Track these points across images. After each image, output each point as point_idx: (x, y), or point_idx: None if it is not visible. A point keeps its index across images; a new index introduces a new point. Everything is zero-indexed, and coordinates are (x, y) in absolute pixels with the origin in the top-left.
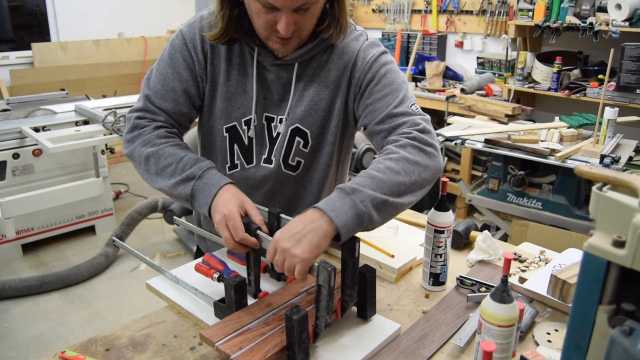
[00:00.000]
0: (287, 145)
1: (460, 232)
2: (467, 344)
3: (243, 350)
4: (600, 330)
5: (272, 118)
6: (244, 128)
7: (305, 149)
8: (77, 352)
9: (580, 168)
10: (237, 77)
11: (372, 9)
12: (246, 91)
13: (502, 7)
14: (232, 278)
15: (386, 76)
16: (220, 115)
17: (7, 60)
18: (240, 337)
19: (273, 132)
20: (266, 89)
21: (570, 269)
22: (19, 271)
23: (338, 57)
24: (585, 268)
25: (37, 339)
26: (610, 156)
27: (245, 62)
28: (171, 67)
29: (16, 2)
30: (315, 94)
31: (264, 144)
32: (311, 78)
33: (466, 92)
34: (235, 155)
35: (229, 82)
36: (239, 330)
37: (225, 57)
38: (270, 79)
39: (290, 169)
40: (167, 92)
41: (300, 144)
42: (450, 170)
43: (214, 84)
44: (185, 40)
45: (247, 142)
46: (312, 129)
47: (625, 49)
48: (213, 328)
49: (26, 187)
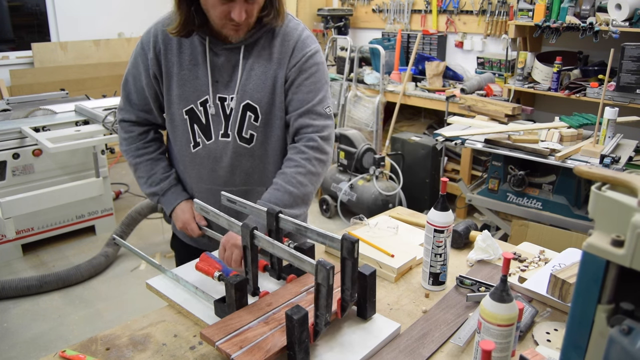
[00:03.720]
0: (240, 119)
1: (460, 232)
2: (466, 344)
3: (244, 349)
4: (599, 330)
5: (225, 98)
6: (200, 109)
7: (257, 122)
8: (78, 351)
9: (580, 168)
10: (189, 65)
11: (372, 9)
12: (198, 77)
13: (502, 7)
14: (232, 277)
15: (315, 75)
16: (178, 101)
17: (7, 60)
18: (241, 337)
19: (227, 110)
20: (217, 73)
21: (569, 268)
22: (19, 271)
23: (280, 42)
24: (584, 267)
25: (37, 339)
26: (610, 156)
27: (196, 52)
28: (136, 69)
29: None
30: (262, 73)
31: (220, 122)
32: (256, 59)
33: (466, 92)
34: (197, 134)
35: (182, 71)
36: (240, 330)
37: (177, 51)
38: (220, 63)
39: (245, 142)
40: (138, 91)
41: (252, 118)
42: (450, 170)
43: (169, 76)
44: (142, 46)
45: (204, 121)
46: (260, 104)
47: (625, 49)
48: (213, 327)
49: (26, 187)
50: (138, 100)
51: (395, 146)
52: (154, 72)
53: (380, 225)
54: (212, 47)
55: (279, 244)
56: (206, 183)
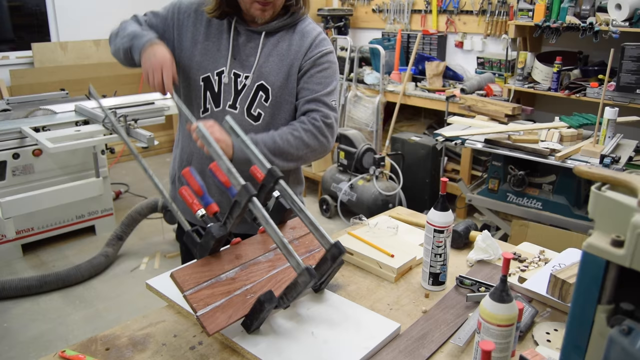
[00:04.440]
0: (252, 97)
1: (460, 232)
2: (466, 344)
3: (209, 308)
4: (599, 330)
5: (239, 74)
6: (215, 78)
7: (266, 102)
8: (77, 351)
9: (580, 168)
10: (214, 38)
11: (372, 9)
12: (220, 49)
13: (502, 7)
14: (216, 228)
15: (327, 70)
16: (197, 67)
17: (7, 60)
18: (208, 291)
19: (239, 85)
20: (236, 51)
21: (569, 268)
22: (19, 271)
23: (298, 37)
24: (584, 268)
25: (37, 339)
26: (610, 156)
27: (222, 29)
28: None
29: (16, 2)
30: (279, 60)
31: (230, 93)
32: (274, 47)
33: (466, 92)
34: (207, 100)
35: (207, 41)
36: (208, 282)
37: (206, 23)
38: (241, 43)
39: (252, 119)
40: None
41: (263, 97)
42: (450, 170)
43: (195, 42)
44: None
45: (217, 90)
46: (273, 86)
47: (625, 49)
48: (184, 272)
49: (26, 187)
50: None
51: (395, 146)
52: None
53: (380, 225)
54: (237, 26)
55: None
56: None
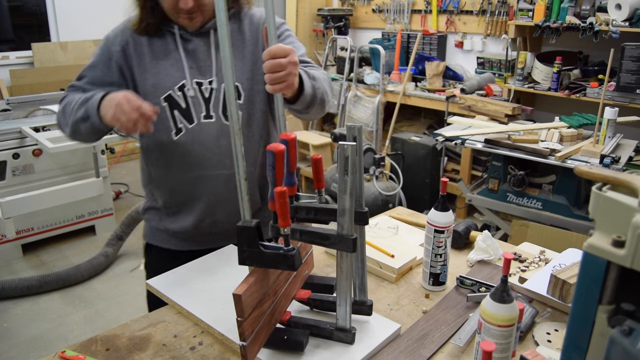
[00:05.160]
0: (223, 100)
1: (460, 232)
2: (467, 344)
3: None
4: (600, 330)
5: (201, 82)
6: (178, 94)
7: (239, 100)
8: (77, 351)
9: (580, 168)
10: (161, 55)
11: (372, 9)
12: (172, 64)
13: (502, 7)
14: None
15: (290, 37)
16: (154, 90)
17: (7, 60)
18: (255, 312)
19: (205, 93)
20: (191, 59)
21: (570, 269)
22: (19, 271)
23: (248, 24)
24: (585, 268)
25: (37, 339)
26: (610, 156)
27: (168, 42)
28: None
29: (16, 2)
30: (238, 52)
31: (200, 104)
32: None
33: (466, 92)
34: (177, 120)
35: (155, 61)
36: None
37: (147, 43)
38: (192, 49)
39: None
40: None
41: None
42: (450, 170)
43: (142, 67)
44: (107, 40)
45: (184, 105)
46: (241, 81)
47: (625, 49)
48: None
49: (26, 187)
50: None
51: (395, 146)
52: (119, 65)
53: (381, 225)
54: (182, 34)
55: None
56: (194, 170)
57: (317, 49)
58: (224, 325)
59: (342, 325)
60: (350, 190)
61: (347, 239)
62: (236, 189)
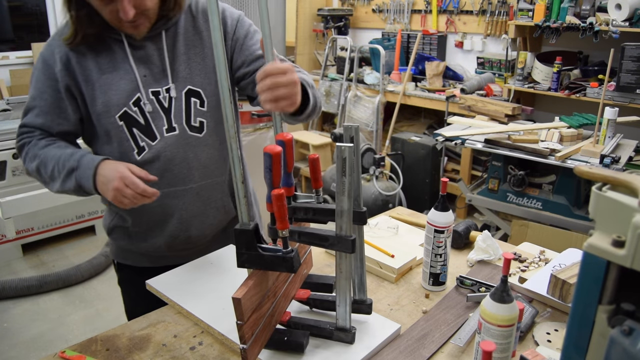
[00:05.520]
0: (185, 108)
1: (460, 232)
2: (467, 344)
3: (252, 338)
4: (599, 330)
5: (158, 92)
6: (134, 109)
7: (204, 107)
8: (77, 351)
9: (580, 168)
10: (109, 66)
11: (372, 9)
12: (123, 76)
13: (502, 7)
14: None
15: (256, 33)
16: (106, 109)
17: (7, 60)
18: (255, 315)
19: (164, 103)
20: (143, 67)
21: (570, 269)
22: (19, 271)
23: (204, 19)
24: (585, 268)
25: (37, 339)
26: (610, 156)
27: (114, 51)
28: (37, 88)
29: (16, 2)
30: (198, 56)
31: (160, 117)
32: (186, 43)
33: (466, 92)
34: (138, 138)
35: (104, 75)
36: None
37: (92, 55)
38: (144, 56)
39: (196, 131)
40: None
41: (197, 103)
42: (450, 170)
43: (89, 83)
44: (44, 60)
45: (143, 122)
46: (203, 86)
47: (625, 49)
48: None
49: (26, 187)
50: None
51: (395, 146)
52: (66, 85)
53: (381, 225)
54: (131, 41)
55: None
56: (160, 187)
57: (317, 49)
58: (223, 325)
59: (342, 325)
60: (348, 191)
61: (346, 240)
62: (208, 202)
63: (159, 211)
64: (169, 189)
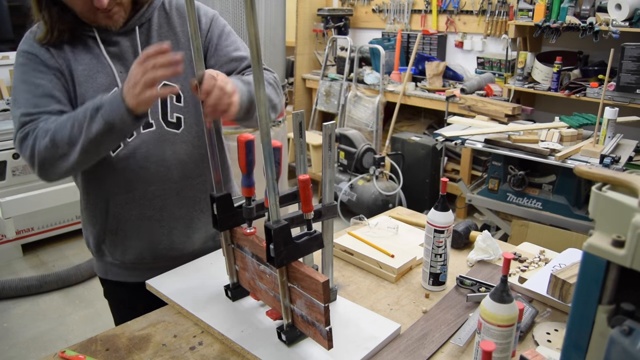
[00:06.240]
0: (161, 103)
1: (460, 232)
2: (466, 344)
3: None
4: (599, 330)
5: None
6: None
7: (180, 102)
8: (77, 351)
9: (580, 168)
10: (86, 60)
11: (372, 9)
12: (100, 71)
13: (502, 7)
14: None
15: (231, 34)
16: (82, 100)
17: (7, 60)
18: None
19: None
20: (119, 63)
21: (570, 268)
22: (19, 271)
23: (178, 16)
24: (584, 268)
25: (37, 339)
26: (610, 156)
27: (89, 47)
28: (28, 82)
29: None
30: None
31: None
32: (160, 39)
33: (466, 92)
34: None
35: (81, 66)
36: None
37: (69, 49)
38: (119, 52)
39: (173, 127)
40: (39, 100)
41: (174, 99)
42: (450, 170)
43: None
44: (27, 54)
45: None
46: (179, 81)
47: (625, 49)
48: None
49: (26, 187)
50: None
51: (395, 146)
52: (55, 68)
53: (380, 225)
54: (104, 37)
55: None
56: (138, 187)
57: (317, 49)
58: (224, 325)
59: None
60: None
61: (333, 206)
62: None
63: (137, 213)
64: (146, 188)
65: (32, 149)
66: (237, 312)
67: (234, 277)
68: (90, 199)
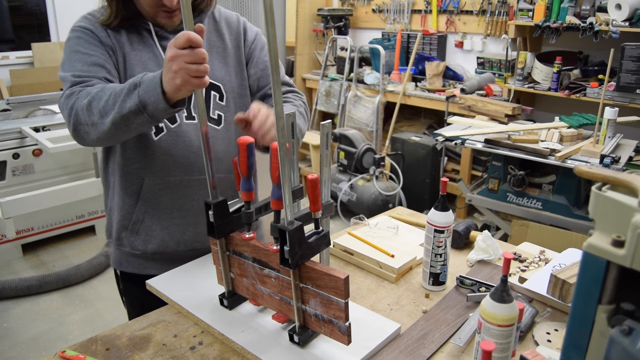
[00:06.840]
0: (205, 99)
1: (460, 232)
2: (466, 344)
3: None
4: (599, 330)
5: None
6: None
7: (222, 101)
8: (77, 351)
9: (580, 168)
10: (139, 46)
11: (372, 9)
12: (152, 58)
13: (502, 7)
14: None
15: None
16: None
17: (7, 60)
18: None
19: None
20: None
21: (570, 268)
22: (19, 271)
23: (226, 26)
24: (584, 268)
25: (37, 339)
26: (610, 156)
27: (144, 37)
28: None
29: (16, 2)
30: (217, 53)
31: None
32: (208, 42)
33: (466, 92)
34: None
35: (134, 52)
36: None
37: (125, 33)
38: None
39: (214, 122)
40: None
41: (217, 97)
42: (450, 170)
43: (122, 55)
44: (84, 29)
45: None
46: (223, 82)
47: (625, 49)
48: None
49: (26, 187)
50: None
51: (395, 146)
52: (109, 46)
53: (381, 225)
54: (157, 31)
55: None
56: (175, 174)
57: (317, 49)
58: (224, 325)
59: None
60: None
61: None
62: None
63: (169, 199)
64: (182, 177)
65: (71, 109)
66: (237, 312)
67: (229, 285)
68: (125, 181)
